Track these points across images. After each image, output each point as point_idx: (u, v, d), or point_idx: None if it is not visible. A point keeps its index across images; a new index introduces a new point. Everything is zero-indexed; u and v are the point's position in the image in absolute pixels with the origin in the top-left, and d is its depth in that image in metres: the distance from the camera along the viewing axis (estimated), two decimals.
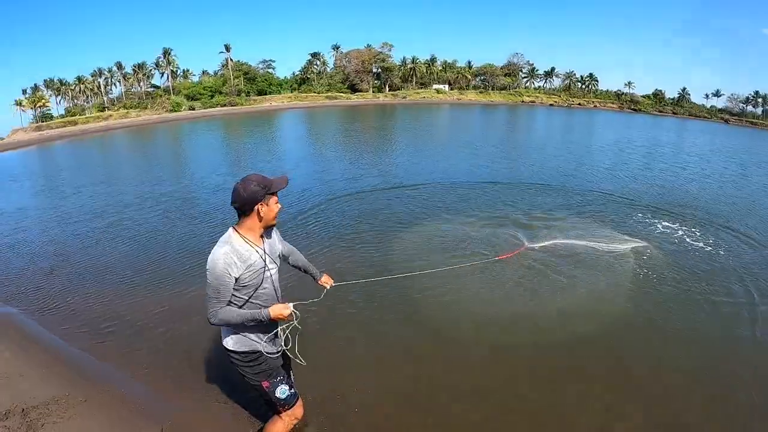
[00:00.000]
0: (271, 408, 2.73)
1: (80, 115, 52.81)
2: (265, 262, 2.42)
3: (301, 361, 2.67)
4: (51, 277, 6.13)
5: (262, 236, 2.46)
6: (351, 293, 5.02)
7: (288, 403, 2.66)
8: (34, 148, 30.67)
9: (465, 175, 12.55)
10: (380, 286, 5.11)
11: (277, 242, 2.64)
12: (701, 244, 7.11)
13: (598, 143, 23.29)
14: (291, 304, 2.48)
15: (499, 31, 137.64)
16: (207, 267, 2.26)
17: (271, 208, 2.37)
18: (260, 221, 2.37)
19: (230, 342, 2.47)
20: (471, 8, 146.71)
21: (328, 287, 2.87)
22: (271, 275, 2.48)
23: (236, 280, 2.29)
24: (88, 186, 12.69)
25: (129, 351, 4.23)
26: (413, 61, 76.04)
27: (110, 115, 50.83)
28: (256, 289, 2.39)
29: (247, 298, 2.38)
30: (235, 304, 2.36)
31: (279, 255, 2.64)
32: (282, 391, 2.60)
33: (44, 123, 48.70)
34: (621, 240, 6.98)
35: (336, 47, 74.31)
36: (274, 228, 2.62)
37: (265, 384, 2.56)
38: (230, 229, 2.38)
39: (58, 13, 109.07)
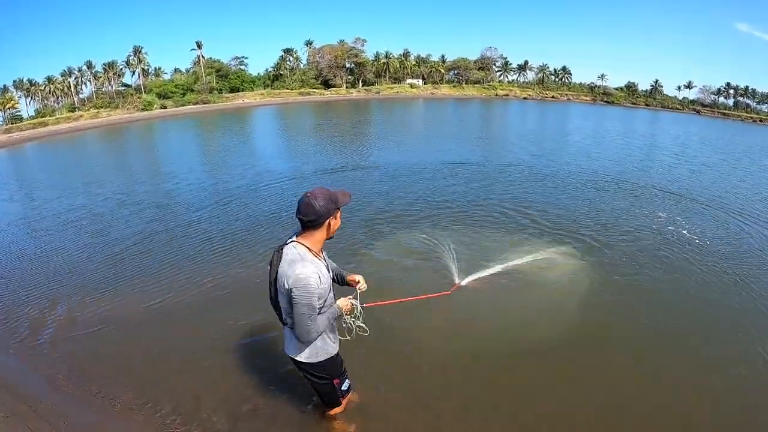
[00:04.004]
0: (329, 402, 2.90)
1: (51, 116, 52.29)
2: (330, 274, 2.57)
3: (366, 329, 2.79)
4: None
5: (322, 248, 2.51)
6: None
7: (349, 391, 2.92)
8: (4, 151, 30.82)
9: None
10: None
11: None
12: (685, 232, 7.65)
13: (582, 134, 24.94)
14: (352, 298, 2.69)
15: (473, 24, 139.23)
16: (295, 286, 2.26)
17: (338, 221, 2.45)
18: (327, 234, 2.45)
19: (304, 356, 2.58)
20: (445, 1, 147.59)
21: (361, 288, 2.79)
22: (331, 285, 2.61)
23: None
24: (54, 192, 12.42)
25: (62, 365, 4.18)
26: (386, 55, 76.66)
27: (81, 116, 50.63)
28: (326, 300, 2.50)
29: (320, 308, 2.46)
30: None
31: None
32: (346, 384, 2.85)
33: (14, 125, 48.32)
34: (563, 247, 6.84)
35: (309, 43, 74.64)
36: None
37: (336, 381, 2.75)
38: (298, 245, 2.39)
39: (27, 12, 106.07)
